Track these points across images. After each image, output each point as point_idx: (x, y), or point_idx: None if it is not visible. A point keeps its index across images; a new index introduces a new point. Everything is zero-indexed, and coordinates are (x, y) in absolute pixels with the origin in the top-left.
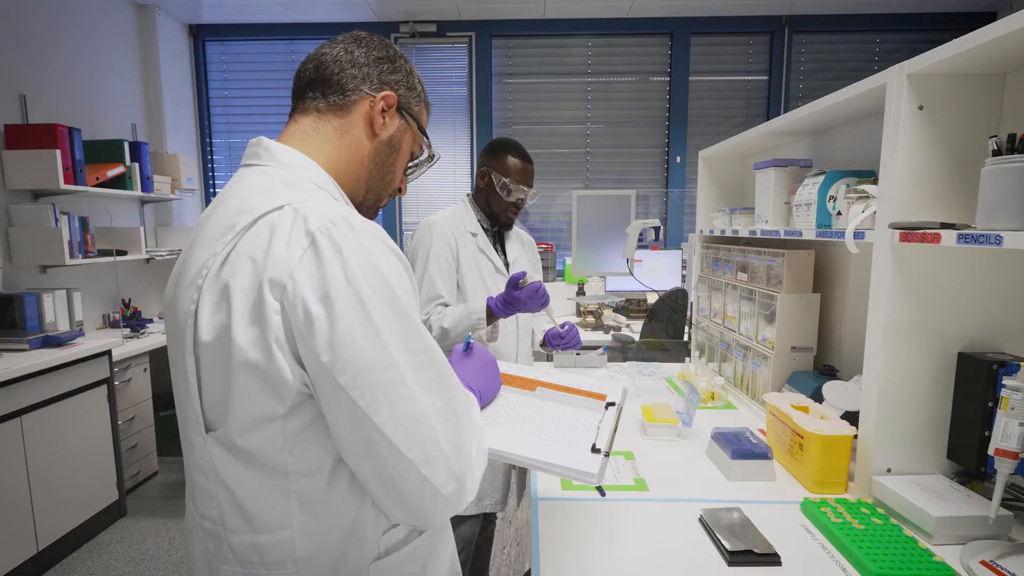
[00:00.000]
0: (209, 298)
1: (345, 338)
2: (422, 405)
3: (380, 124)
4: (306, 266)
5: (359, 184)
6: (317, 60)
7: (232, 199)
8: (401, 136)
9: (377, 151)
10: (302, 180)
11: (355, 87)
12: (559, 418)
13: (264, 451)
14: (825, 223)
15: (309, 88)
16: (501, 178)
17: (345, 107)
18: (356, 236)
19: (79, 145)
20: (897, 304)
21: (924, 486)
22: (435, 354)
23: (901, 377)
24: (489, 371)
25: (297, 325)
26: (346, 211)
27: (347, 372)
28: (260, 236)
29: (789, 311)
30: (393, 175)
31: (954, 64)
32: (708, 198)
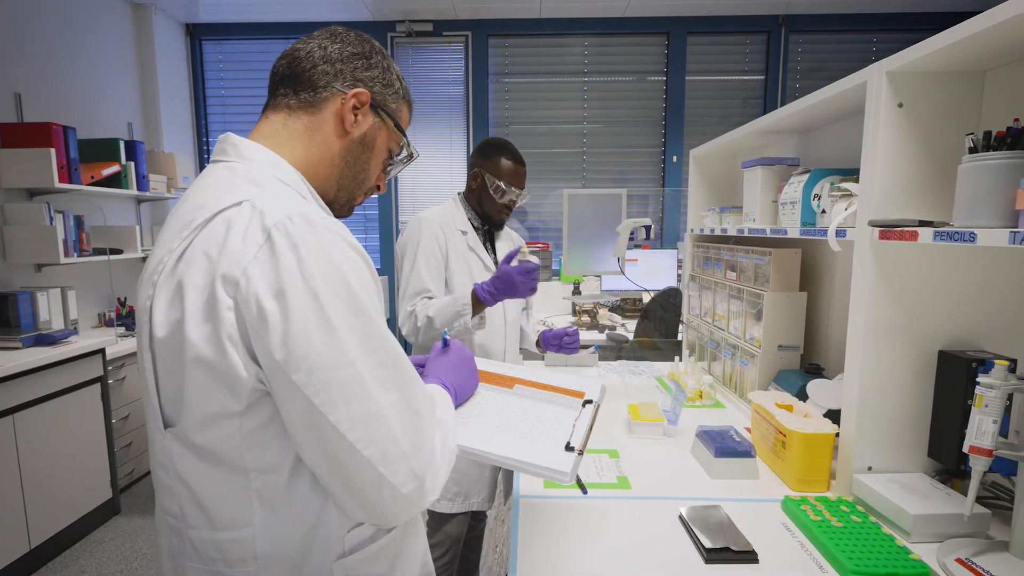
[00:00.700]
0: (164, 294)
1: (299, 335)
2: (380, 403)
3: (351, 122)
4: (261, 262)
5: (330, 182)
6: (290, 56)
7: (195, 195)
8: (375, 134)
9: (348, 149)
10: (266, 177)
11: (327, 84)
12: (535, 416)
13: (221, 448)
14: (810, 221)
15: (281, 84)
16: (494, 180)
17: (316, 104)
18: (314, 233)
19: (74, 144)
20: (877, 302)
21: (904, 484)
22: (394, 352)
23: (882, 375)
24: (466, 369)
25: (251, 322)
26: (306, 208)
27: (301, 369)
28: (216, 232)
29: (776, 309)
30: (367, 173)
31: (933, 61)
32: (699, 197)
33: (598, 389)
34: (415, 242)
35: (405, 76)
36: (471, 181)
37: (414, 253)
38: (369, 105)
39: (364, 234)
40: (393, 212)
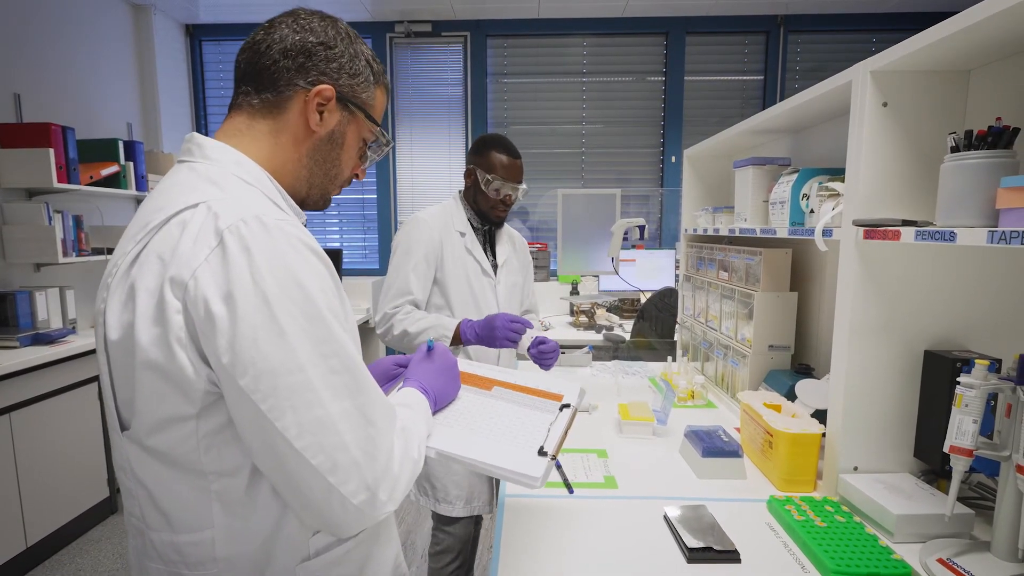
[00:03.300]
0: (117, 297)
1: (247, 339)
2: (331, 410)
3: (316, 121)
4: (211, 265)
5: (300, 181)
6: (250, 50)
7: (156, 197)
8: (344, 128)
9: (316, 147)
10: (228, 177)
11: (288, 82)
12: (510, 419)
13: (177, 451)
14: (798, 221)
15: (243, 82)
16: (486, 175)
17: (279, 105)
18: (268, 235)
19: (73, 144)
20: (863, 302)
21: (889, 484)
22: (349, 359)
23: (868, 375)
24: (448, 375)
25: (200, 325)
26: (263, 209)
27: (248, 374)
28: (171, 235)
29: (766, 309)
30: (338, 168)
31: (918, 60)
32: (693, 197)
33: (576, 392)
34: (407, 243)
35: (404, 77)
36: (465, 178)
37: (405, 252)
38: (335, 100)
39: (363, 235)
40: (392, 212)
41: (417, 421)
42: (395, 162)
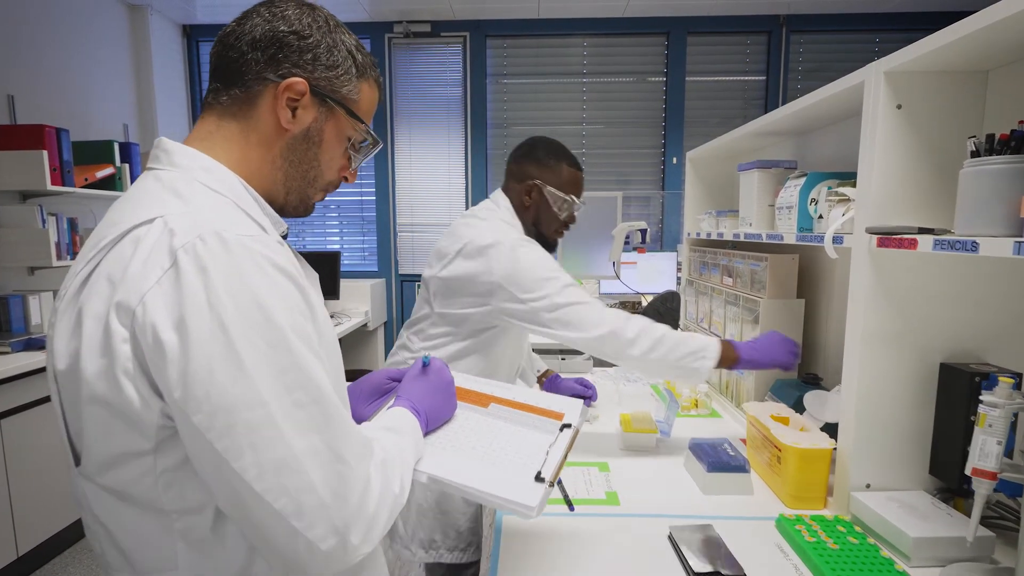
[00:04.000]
0: (65, 323)
1: (200, 371)
2: (295, 449)
3: (288, 118)
4: (163, 289)
5: (275, 185)
6: (220, 43)
7: (116, 209)
8: (322, 126)
9: (290, 148)
10: (193, 186)
11: (257, 76)
12: (507, 440)
13: (134, 489)
14: (806, 226)
15: (213, 77)
16: (559, 194)
17: (248, 101)
18: (228, 253)
19: (67, 146)
20: (876, 312)
21: (904, 503)
22: (319, 390)
23: (880, 388)
24: (443, 394)
25: (149, 355)
26: (225, 224)
27: (201, 410)
28: (123, 254)
29: (772, 317)
30: (317, 170)
31: (934, 61)
32: (696, 200)
33: (578, 411)
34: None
35: (403, 77)
36: (523, 195)
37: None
38: (310, 94)
39: (362, 236)
40: (390, 214)
41: (403, 448)
42: (394, 163)
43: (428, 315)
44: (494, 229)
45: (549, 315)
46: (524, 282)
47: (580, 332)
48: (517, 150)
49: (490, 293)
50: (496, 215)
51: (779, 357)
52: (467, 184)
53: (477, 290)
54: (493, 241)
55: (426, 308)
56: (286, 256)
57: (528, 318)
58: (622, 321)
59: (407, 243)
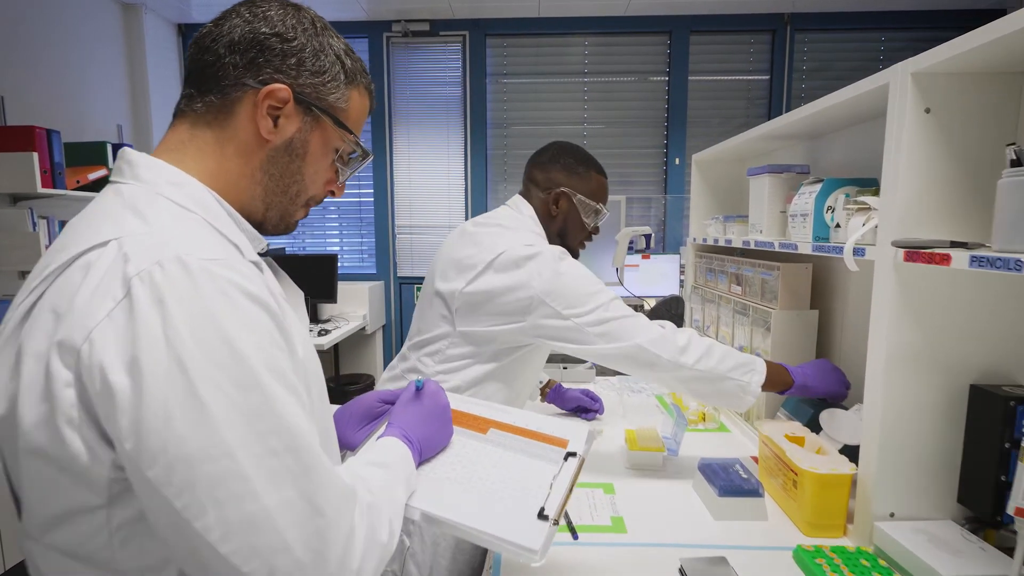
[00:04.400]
0: (4, 361)
1: (155, 419)
2: (267, 503)
3: (268, 128)
4: (114, 324)
5: (254, 201)
6: (196, 44)
7: (68, 230)
8: (307, 136)
9: (271, 160)
10: (157, 203)
11: (235, 82)
12: (508, 471)
13: (86, 548)
14: (822, 236)
15: (187, 82)
16: (589, 202)
17: (225, 109)
18: (190, 281)
19: (59, 147)
20: (901, 329)
21: (932, 535)
22: (294, 435)
23: (906, 410)
24: (438, 421)
25: (98, 401)
26: (189, 246)
27: (157, 464)
28: (71, 282)
29: (785, 329)
30: (300, 185)
31: (966, 62)
32: (702, 204)
33: (583, 437)
34: (584, 270)
35: (401, 77)
36: (551, 204)
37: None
38: (293, 102)
39: (360, 239)
40: (389, 216)
41: (393, 486)
42: (392, 164)
43: (447, 334)
44: (527, 240)
45: (595, 329)
46: (569, 296)
47: (626, 341)
48: (541, 155)
49: (527, 309)
50: (522, 224)
51: (834, 387)
52: (467, 185)
53: (511, 307)
54: (532, 253)
55: (443, 326)
56: (260, 281)
57: (568, 335)
58: (671, 328)
59: (406, 245)
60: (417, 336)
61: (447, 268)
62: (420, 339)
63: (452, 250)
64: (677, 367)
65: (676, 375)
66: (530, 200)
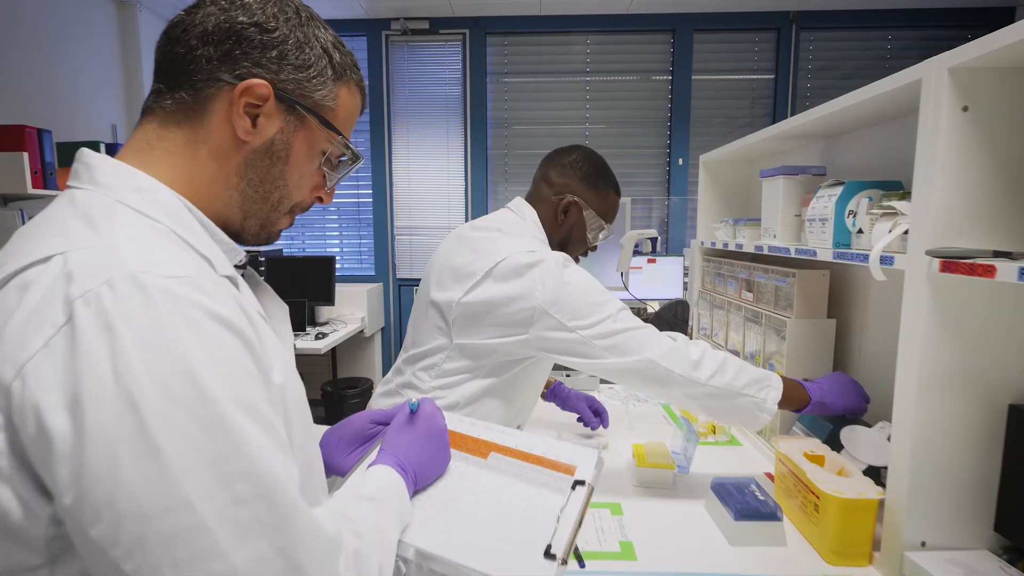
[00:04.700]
0: None
1: (100, 467)
2: (235, 561)
3: (245, 128)
4: (52, 356)
5: (230, 208)
6: (166, 35)
7: (11, 243)
8: (289, 138)
9: (249, 164)
10: (114, 211)
11: (209, 75)
12: (510, 501)
13: None
14: (843, 242)
15: (157, 77)
16: (599, 219)
17: (198, 107)
18: (146, 304)
19: (49, 147)
20: (935, 346)
21: (967, 567)
22: (267, 480)
23: (939, 431)
24: (434, 445)
25: (32, 448)
26: (148, 262)
27: (102, 520)
28: (5, 305)
29: (800, 338)
30: (284, 191)
31: (1010, 56)
32: (710, 206)
33: (592, 463)
34: (591, 279)
35: (401, 76)
36: (559, 212)
37: (591, 281)
38: (274, 99)
39: (358, 240)
40: (388, 217)
41: (384, 523)
42: (391, 164)
43: (443, 347)
44: (529, 245)
45: (602, 342)
46: (574, 307)
47: (635, 355)
48: (562, 156)
49: (529, 320)
50: (525, 229)
51: (853, 402)
52: (467, 185)
53: (512, 318)
54: (534, 260)
55: (440, 338)
56: (232, 300)
57: (573, 348)
58: (683, 340)
59: (405, 246)
60: (412, 348)
61: (443, 276)
62: (415, 352)
63: (448, 256)
64: (690, 383)
65: (688, 391)
66: (537, 200)
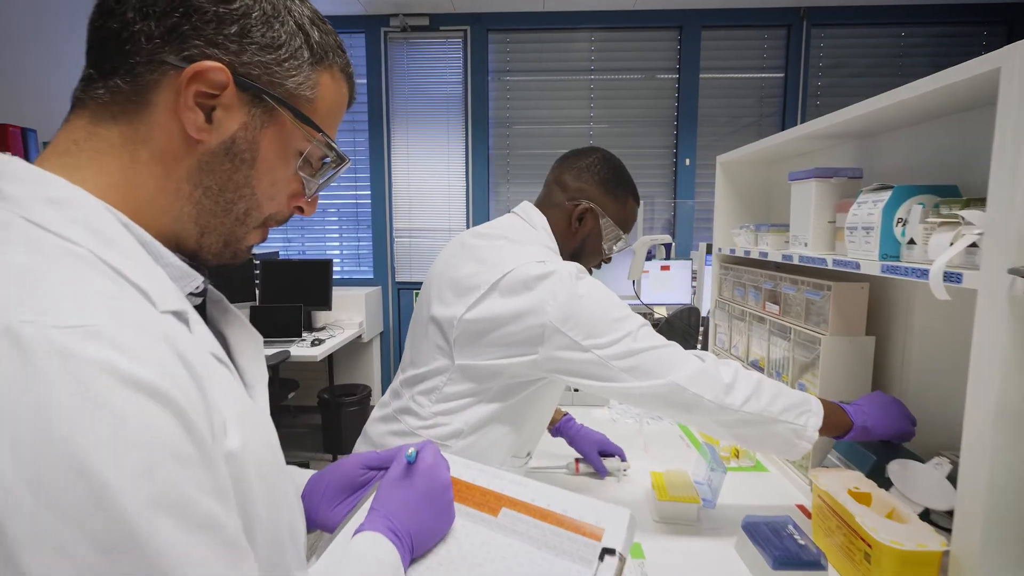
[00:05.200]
0: None
1: None
2: None
3: (197, 123)
4: None
5: (182, 222)
6: (99, 6)
7: None
8: (256, 136)
9: (205, 168)
10: (10, 232)
11: (149, 57)
12: (526, 574)
13: None
14: (891, 253)
15: (89, 61)
16: (616, 228)
17: (137, 97)
18: (23, 368)
19: (35, 146)
20: (1015, 375)
21: None
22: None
23: (1018, 474)
24: (435, 504)
25: None
26: (33, 308)
27: None
28: None
29: (836, 357)
30: (250, 201)
31: None
32: (727, 210)
33: (624, 525)
34: (604, 289)
35: (400, 74)
36: (573, 219)
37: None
38: (234, 87)
39: (357, 242)
40: (386, 218)
41: None
42: (390, 164)
43: (444, 368)
44: (538, 255)
45: (621, 363)
46: (589, 324)
47: (659, 378)
48: (579, 159)
49: (539, 339)
50: (534, 237)
51: (899, 426)
52: (467, 186)
53: (520, 336)
54: (545, 271)
55: (440, 359)
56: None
57: (588, 370)
58: (712, 360)
59: (404, 248)
60: (411, 368)
61: (444, 289)
62: (414, 373)
63: (450, 267)
64: (721, 409)
65: (719, 419)
66: (548, 206)
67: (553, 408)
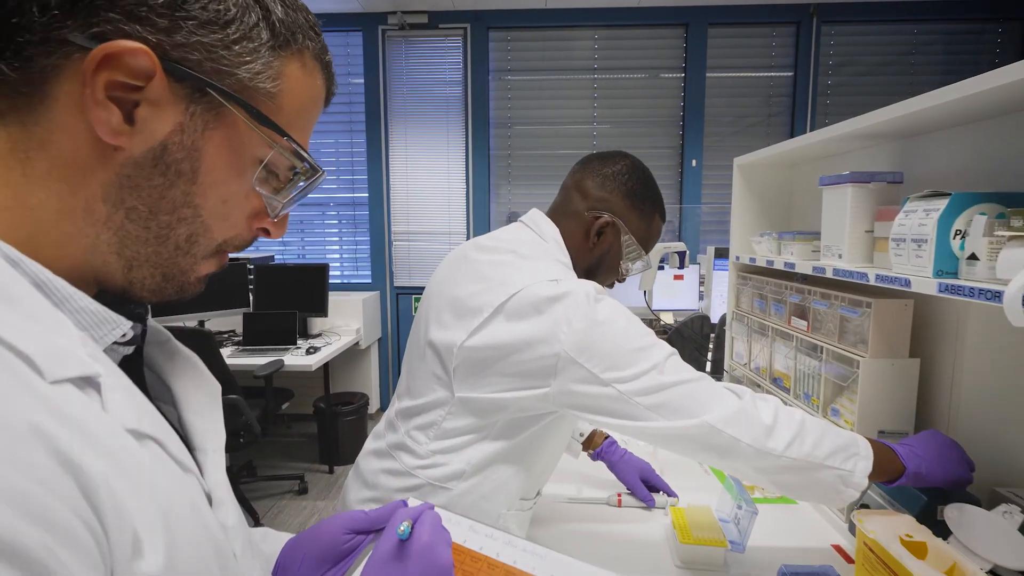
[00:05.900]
0: None
1: None
2: None
3: (112, 124)
4: None
5: (99, 254)
6: None
7: None
8: (197, 141)
9: (126, 184)
10: None
11: (45, 35)
12: None
13: None
14: (948, 269)
15: None
16: (638, 248)
17: (30, 89)
18: None
19: None
20: None
21: None
22: None
23: None
24: None
25: None
26: None
27: None
28: None
29: (876, 381)
30: (194, 224)
31: None
32: (746, 216)
33: None
34: (625, 312)
35: (398, 73)
36: (591, 233)
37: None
38: (163, 75)
39: (354, 246)
40: (385, 221)
41: None
42: (388, 166)
43: (443, 401)
44: (550, 272)
45: (646, 400)
46: (610, 355)
47: (690, 418)
48: (604, 165)
49: (551, 370)
50: (544, 250)
51: (957, 472)
52: (468, 188)
53: (529, 366)
54: (558, 293)
55: (439, 390)
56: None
57: (607, 407)
58: (749, 397)
59: (403, 252)
60: (407, 398)
61: (442, 309)
62: (410, 404)
63: (449, 283)
64: (760, 455)
65: (758, 465)
66: (563, 215)
67: (565, 445)
